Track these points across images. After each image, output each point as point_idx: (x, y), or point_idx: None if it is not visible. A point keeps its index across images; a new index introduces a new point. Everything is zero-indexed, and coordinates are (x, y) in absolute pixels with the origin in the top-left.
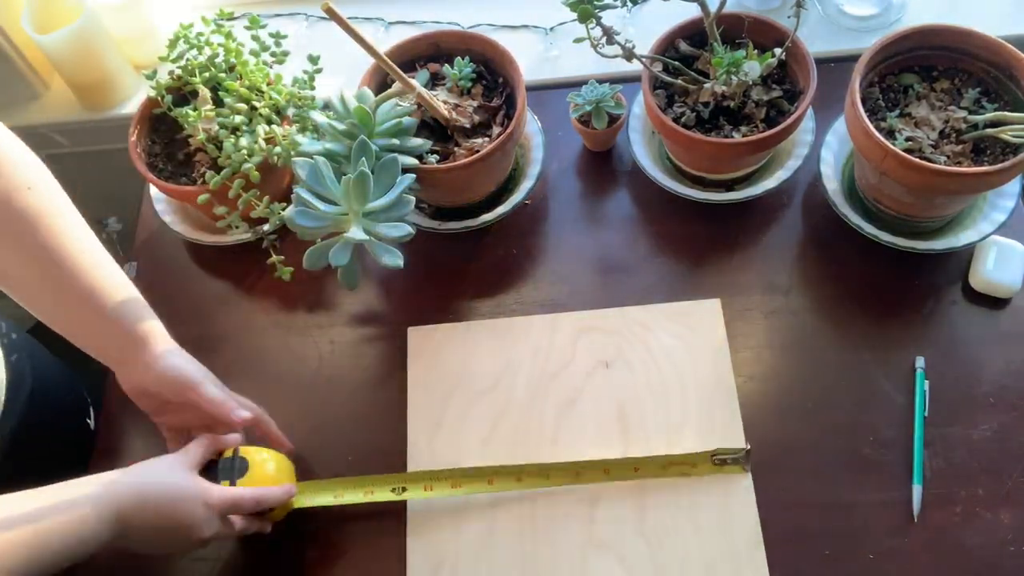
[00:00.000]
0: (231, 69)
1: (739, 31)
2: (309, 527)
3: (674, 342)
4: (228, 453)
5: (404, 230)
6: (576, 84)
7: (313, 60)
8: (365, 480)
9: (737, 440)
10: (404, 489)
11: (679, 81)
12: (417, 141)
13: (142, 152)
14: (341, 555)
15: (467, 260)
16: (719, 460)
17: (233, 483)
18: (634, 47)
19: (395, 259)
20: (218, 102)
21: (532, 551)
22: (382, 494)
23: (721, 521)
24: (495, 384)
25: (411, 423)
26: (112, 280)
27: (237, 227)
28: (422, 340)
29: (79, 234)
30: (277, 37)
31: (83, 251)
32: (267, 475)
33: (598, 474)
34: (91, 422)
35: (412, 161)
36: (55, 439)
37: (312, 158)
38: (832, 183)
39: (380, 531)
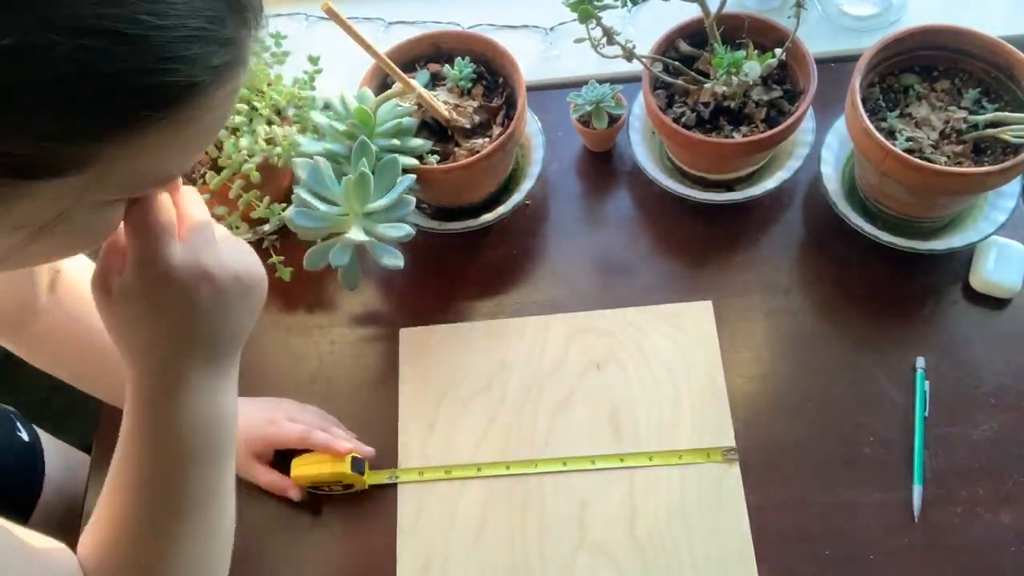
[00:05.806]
0: None
1: (739, 31)
2: (298, 525)
3: (666, 343)
4: None
5: (404, 231)
6: (576, 84)
7: (313, 60)
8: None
9: (727, 440)
10: (397, 477)
11: (679, 81)
12: (417, 141)
13: None
14: (331, 554)
15: (467, 260)
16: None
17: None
18: (634, 47)
19: (395, 260)
20: None
21: (523, 551)
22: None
23: (711, 521)
24: (488, 386)
25: (402, 425)
26: None
27: (237, 228)
28: (414, 341)
29: None
30: (277, 37)
31: None
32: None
33: (584, 462)
34: (23, 435)
35: (412, 162)
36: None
37: (312, 158)
38: (832, 183)
39: (370, 529)
